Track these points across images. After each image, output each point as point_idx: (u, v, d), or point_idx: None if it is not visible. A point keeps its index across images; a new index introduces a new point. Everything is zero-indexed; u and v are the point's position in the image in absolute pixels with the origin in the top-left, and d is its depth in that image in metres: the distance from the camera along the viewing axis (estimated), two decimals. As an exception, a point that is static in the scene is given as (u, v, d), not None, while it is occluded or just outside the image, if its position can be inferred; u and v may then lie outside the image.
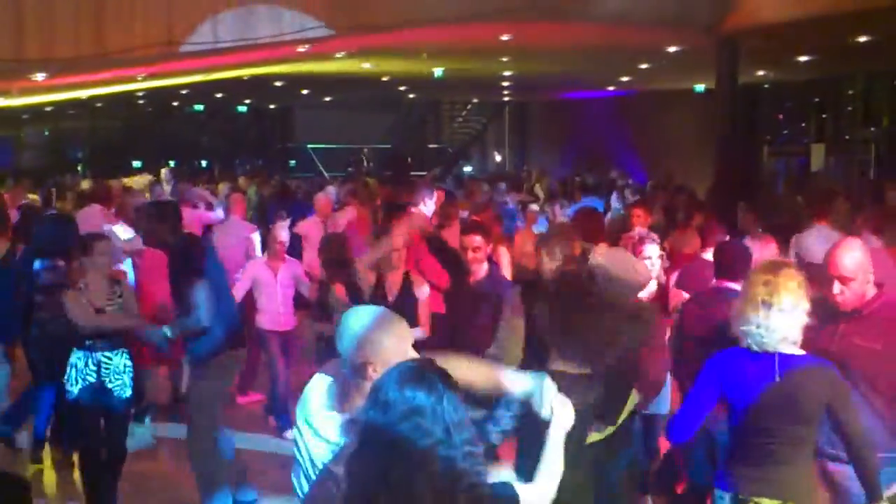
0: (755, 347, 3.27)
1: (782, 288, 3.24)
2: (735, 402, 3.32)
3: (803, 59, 15.64)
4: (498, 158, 31.39)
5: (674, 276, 5.69)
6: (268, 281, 7.06)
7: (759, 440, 3.26)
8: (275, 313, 7.09)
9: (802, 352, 3.28)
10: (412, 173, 21.61)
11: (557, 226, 7.35)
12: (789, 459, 3.24)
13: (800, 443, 3.25)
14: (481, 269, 5.17)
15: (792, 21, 11.40)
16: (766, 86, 21.73)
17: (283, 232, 7.31)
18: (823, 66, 17.11)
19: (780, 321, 3.23)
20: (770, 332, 3.23)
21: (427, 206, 6.81)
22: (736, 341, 3.36)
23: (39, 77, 13.21)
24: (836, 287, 3.58)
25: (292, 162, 31.92)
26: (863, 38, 13.02)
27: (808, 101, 22.49)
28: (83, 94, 20.47)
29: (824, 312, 3.51)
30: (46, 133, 32.91)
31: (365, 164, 28.05)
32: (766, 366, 3.25)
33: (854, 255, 3.59)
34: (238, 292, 6.70)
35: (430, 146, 32.99)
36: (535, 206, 10.94)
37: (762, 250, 6.23)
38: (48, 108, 24.37)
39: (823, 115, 22.18)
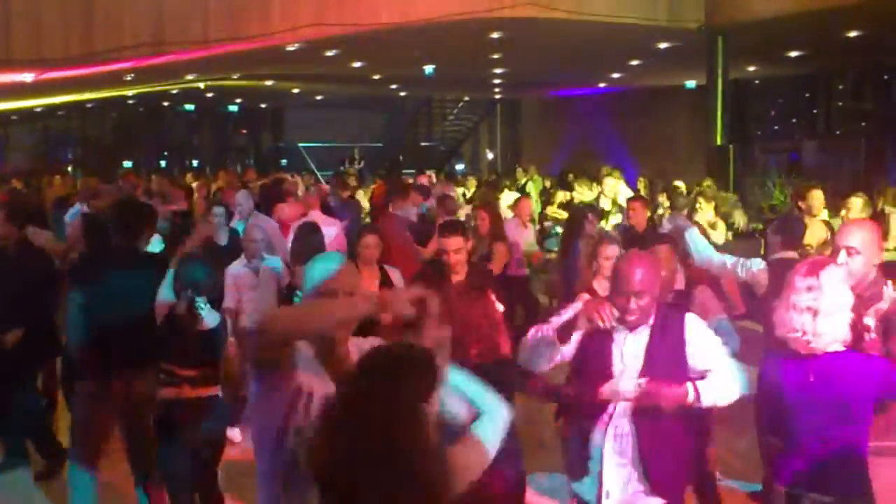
0: (803, 351, 3.28)
1: (826, 291, 3.23)
2: (787, 402, 3.33)
3: (794, 54, 15.67)
4: (490, 156, 31.38)
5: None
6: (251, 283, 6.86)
7: (811, 438, 3.27)
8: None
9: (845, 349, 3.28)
10: (404, 171, 21.63)
11: None
12: (842, 456, 3.25)
13: (851, 440, 3.25)
14: (464, 270, 5.04)
15: (782, 16, 11.43)
16: (756, 81, 21.77)
17: (256, 231, 7.16)
18: (814, 61, 17.15)
19: (826, 325, 3.22)
20: (818, 337, 3.23)
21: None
22: None
23: (27, 77, 13.16)
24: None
25: (284, 161, 31.87)
26: (853, 34, 13.04)
27: (799, 96, 22.53)
28: (72, 97, 20.42)
29: None
30: (35, 133, 32.77)
31: (357, 162, 27.97)
32: (815, 366, 3.26)
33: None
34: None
35: (422, 144, 32.95)
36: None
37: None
38: (38, 109, 24.29)
39: (814, 111, 22.24)
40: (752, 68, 18.23)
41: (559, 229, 9.57)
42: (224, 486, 5.12)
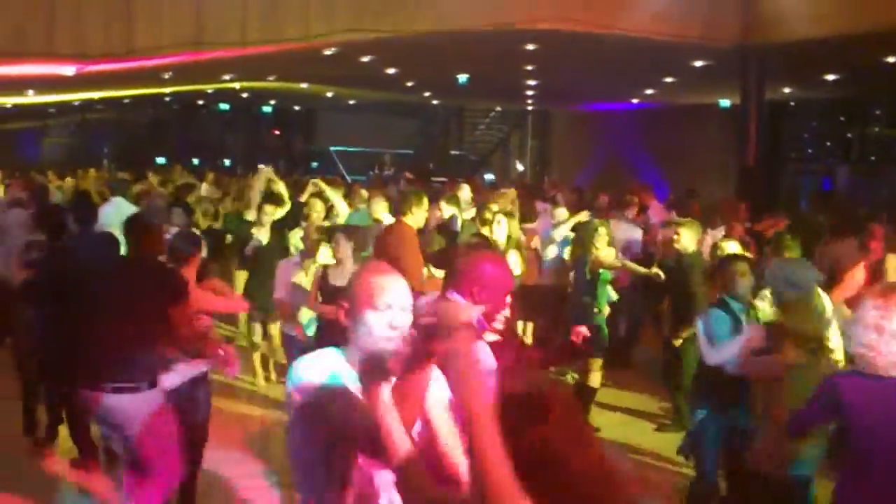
0: (868, 370, 3.34)
1: (894, 313, 3.29)
2: (852, 424, 3.40)
3: (830, 77, 15.56)
4: (520, 168, 31.40)
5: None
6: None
7: (880, 461, 3.32)
8: None
9: None
10: (433, 179, 21.70)
11: None
12: None
13: None
14: None
15: (820, 38, 11.36)
16: (791, 103, 21.63)
17: None
18: (851, 85, 17.02)
19: (891, 345, 3.28)
20: (882, 356, 3.29)
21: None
22: None
23: (68, 71, 13.37)
24: None
25: (314, 164, 32.07)
26: (892, 59, 12.94)
27: (834, 120, 22.36)
28: (111, 93, 20.69)
29: None
30: (73, 127, 33.24)
31: (387, 168, 28.12)
32: (880, 389, 3.32)
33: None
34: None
35: (452, 153, 33.04)
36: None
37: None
38: (76, 103, 24.64)
39: (849, 136, 22.06)
40: (787, 90, 18.12)
41: None
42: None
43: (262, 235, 8.66)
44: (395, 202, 9.16)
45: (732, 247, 6.93)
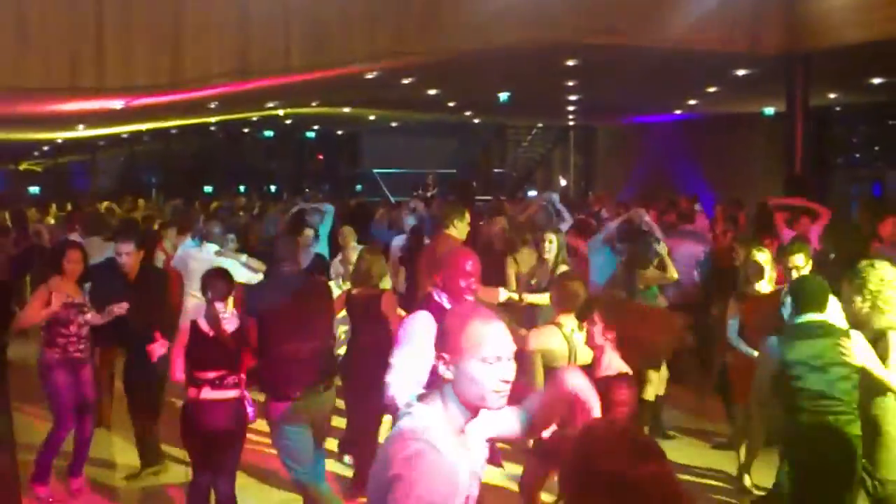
0: None
1: None
2: None
3: (876, 81, 15.35)
4: (563, 183, 31.33)
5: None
6: None
7: None
8: None
9: None
10: (477, 198, 21.73)
11: None
12: None
13: None
14: None
15: (864, 42, 11.22)
16: (837, 109, 21.33)
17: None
18: (898, 88, 16.76)
19: None
20: None
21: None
22: None
23: (117, 105, 13.67)
24: None
25: (359, 186, 32.33)
26: (939, 59, 12.74)
27: (883, 124, 22.00)
28: (158, 124, 21.09)
29: None
30: (122, 159, 33.91)
31: (431, 188, 28.24)
32: None
33: None
34: None
35: (495, 171, 33.09)
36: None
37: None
38: (125, 135, 25.15)
39: (898, 139, 21.70)
40: (833, 95, 17.90)
41: None
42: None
43: None
44: (436, 217, 9.25)
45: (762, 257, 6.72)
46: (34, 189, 32.79)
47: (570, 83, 15.85)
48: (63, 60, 10.61)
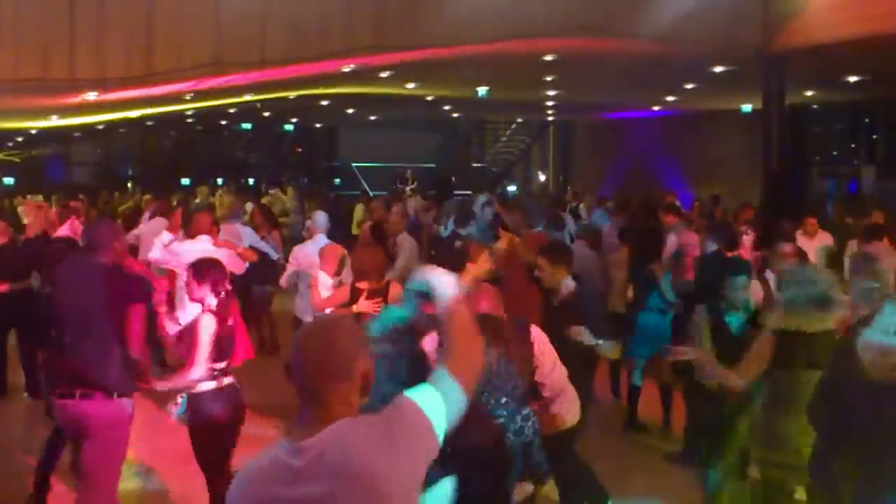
0: None
1: None
2: None
3: (853, 79, 15.41)
4: (542, 178, 31.35)
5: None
6: None
7: None
8: None
9: None
10: (456, 192, 21.69)
11: None
12: None
13: None
14: None
15: (842, 41, 11.25)
16: (814, 106, 21.44)
17: None
18: (874, 86, 16.84)
19: None
20: None
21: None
22: None
23: (91, 96, 13.49)
24: None
25: (337, 180, 32.21)
26: (915, 58, 12.80)
27: (859, 121, 22.13)
28: (133, 113, 20.87)
29: None
30: (98, 150, 33.63)
31: (409, 182, 28.18)
32: None
33: None
34: None
35: (474, 165, 33.06)
36: None
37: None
38: (100, 127, 24.87)
39: (874, 136, 21.82)
40: (809, 93, 17.96)
41: None
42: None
43: None
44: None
45: None
46: (8, 180, 32.42)
47: (549, 78, 15.80)
48: (33, 52, 10.45)
